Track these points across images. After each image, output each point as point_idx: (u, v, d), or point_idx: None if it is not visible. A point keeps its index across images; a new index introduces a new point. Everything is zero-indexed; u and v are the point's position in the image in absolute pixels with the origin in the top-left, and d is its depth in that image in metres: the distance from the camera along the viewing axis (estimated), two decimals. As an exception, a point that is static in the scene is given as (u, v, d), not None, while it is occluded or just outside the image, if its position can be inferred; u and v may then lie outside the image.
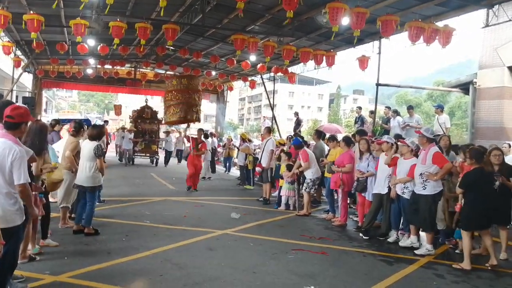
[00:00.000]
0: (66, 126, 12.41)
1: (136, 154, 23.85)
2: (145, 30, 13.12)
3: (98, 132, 8.19)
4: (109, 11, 11.21)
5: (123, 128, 26.30)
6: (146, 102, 25.30)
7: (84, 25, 12.83)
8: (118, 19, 12.99)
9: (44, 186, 6.56)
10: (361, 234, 8.98)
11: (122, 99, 66.56)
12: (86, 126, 9.30)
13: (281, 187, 12.09)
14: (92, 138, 8.07)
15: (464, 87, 17.85)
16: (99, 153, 7.88)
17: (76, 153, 8.19)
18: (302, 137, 15.06)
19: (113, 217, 9.57)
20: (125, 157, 23.84)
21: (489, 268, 7.03)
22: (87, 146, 8.00)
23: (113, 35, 12.93)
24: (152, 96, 33.24)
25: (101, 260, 6.50)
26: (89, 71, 27.09)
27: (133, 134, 23.64)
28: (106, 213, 9.88)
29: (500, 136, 15.27)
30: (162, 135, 26.60)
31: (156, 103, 44.10)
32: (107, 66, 25.49)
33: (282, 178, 12.00)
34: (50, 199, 8.46)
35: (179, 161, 25.71)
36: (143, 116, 24.27)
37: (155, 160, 24.14)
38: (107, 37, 16.01)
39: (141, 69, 27.83)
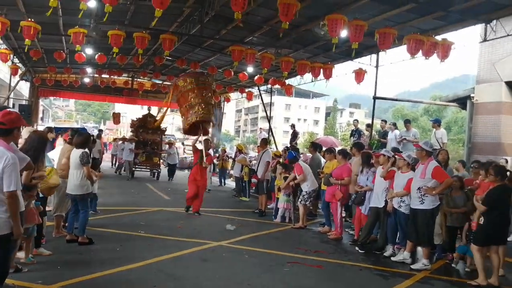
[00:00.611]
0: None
1: (136, 166, 21.52)
2: (143, 40, 13.13)
3: (84, 140, 8.00)
4: (107, 20, 11.18)
5: (123, 139, 24.28)
6: (149, 110, 23.65)
7: (82, 34, 12.83)
8: (116, 28, 12.99)
9: (37, 194, 6.48)
10: (357, 248, 8.92)
11: (119, 109, 66.47)
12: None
13: (278, 198, 12.04)
14: (78, 145, 7.91)
15: (462, 102, 17.89)
16: (85, 160, 7.73)
17: (71, 161, 8.12)
18: (298, 149, 15.05)
19: (107, 226, 9.48)
20: (126, 169, 21.50)
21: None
22: (73, 154, 7.89)
23: (112, 43, 12.93)
24: (149, 106, 33.11)
25: (94, 270, 6.41)
26: (86, 80, 27.10)
27: (134, 144, 21.25)
28: (100, 222, 9.79)
29: (497, 151, 15.27)
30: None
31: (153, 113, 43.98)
32: (105, 76, 25.47)
33: (279, 190, 11.96)
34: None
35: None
36: (145, 125, 22.06)
37: (156, 173, 21.90)
38: (105, 46, 16.01)
39: (138, 79, 27.78)
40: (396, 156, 8.68)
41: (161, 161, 23.99)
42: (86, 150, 7.90)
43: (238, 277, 6.64)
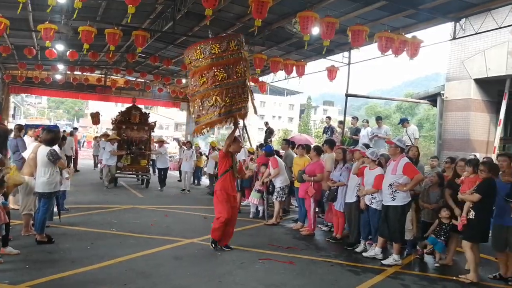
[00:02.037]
0: (30, 132, 12.23)
1: (120, 171, 17.27)
2: (114, 36, 13.00)
3: (52, 137, 7.84)
4: (79, 16, 11.07)
5: (105, 135, 20.63)
6: (134, 102, 19.33)
7: (53, 30, 12.63)
8: (88, 24, 12.84)
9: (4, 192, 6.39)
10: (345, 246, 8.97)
11: (92, 107, 65.70)
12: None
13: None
14: (46, 142, 7.75)
15: (432, 99, 18.13)
16: (54, 158, 7.59)
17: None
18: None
19: (78, 225, 9.36)
20: (106, 176, 16.89)
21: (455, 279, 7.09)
22: (41, 151, 7.74)
23: (83, 40, 12.80)
24: (123, 103, 32.69)
25: (64, 268, 6.34)
26: (58, 77, 26.72)
27: (116, 144, 16.95)
28: (71, 221, 9.67)
29: (466, 147, 15.54)
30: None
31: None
32: (77, 72, 25.17)
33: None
34: (13, 206, 8.29)
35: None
36: (130, 120, 17.89)
37: (145, 180, 17.61)
38: (76, 43, 15.81)
39: (111, 76, 27.52)
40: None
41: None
42: (54, 148, 7.77)
43: (209, 274, 6.62)
